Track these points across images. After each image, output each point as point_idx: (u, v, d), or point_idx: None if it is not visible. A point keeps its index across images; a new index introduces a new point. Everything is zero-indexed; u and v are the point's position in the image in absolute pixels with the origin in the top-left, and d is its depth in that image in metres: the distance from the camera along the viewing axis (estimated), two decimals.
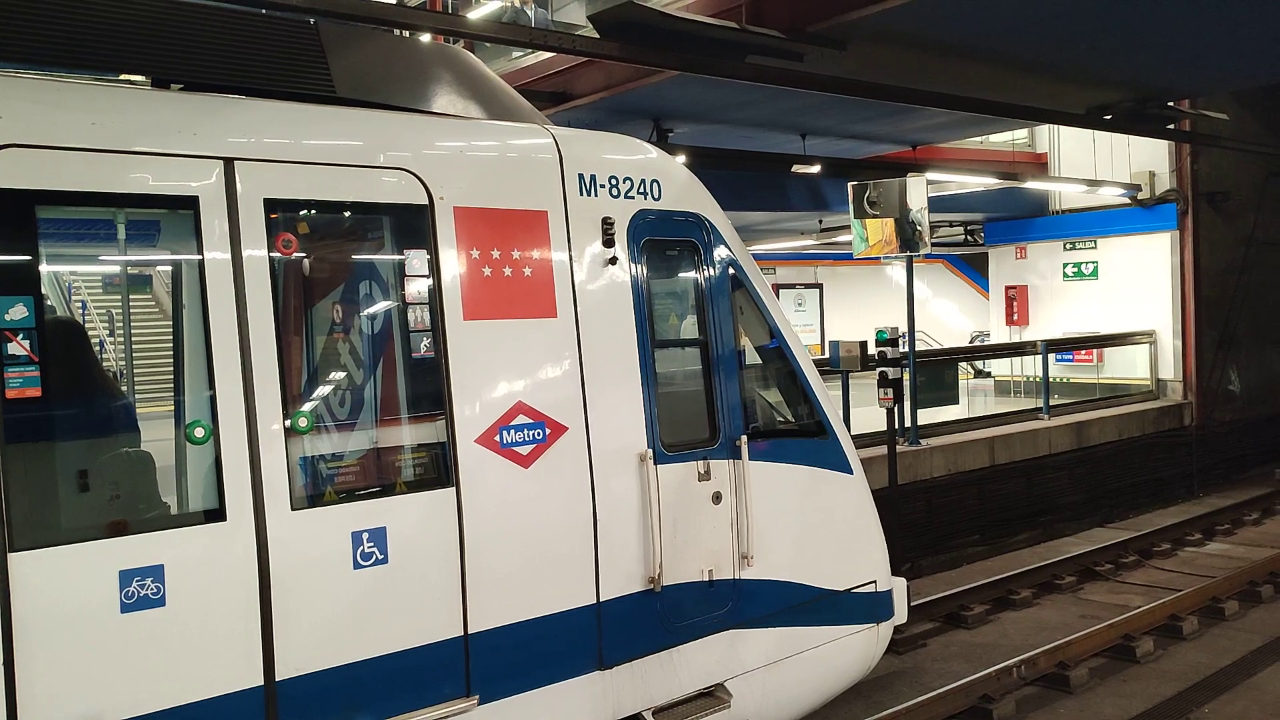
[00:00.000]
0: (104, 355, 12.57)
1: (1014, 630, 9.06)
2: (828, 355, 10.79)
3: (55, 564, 3.41)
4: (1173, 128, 13.67)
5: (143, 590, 3.53)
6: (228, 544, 3.73)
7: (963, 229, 22.16)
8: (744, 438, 5.24)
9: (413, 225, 4.34)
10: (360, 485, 4.18)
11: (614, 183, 4.96)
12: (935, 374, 14.09)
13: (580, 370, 4.70)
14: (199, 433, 3.76)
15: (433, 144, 4.47)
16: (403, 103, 4.61)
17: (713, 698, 5.12)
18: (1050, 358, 15.89)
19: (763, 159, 13.41)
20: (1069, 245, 18.69)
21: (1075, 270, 18.64)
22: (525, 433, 4.48)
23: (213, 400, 3.75)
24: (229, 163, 3.87)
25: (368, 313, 4.68)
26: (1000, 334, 19.95)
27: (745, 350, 5.52)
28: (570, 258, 4.73)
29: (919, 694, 7.06)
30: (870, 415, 11.53)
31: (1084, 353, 18.00)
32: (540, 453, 4.53)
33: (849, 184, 12.50)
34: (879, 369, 10.00)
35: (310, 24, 4.77)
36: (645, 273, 5.02)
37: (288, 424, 3.91)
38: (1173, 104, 12.86)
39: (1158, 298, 17.23)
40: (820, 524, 5.69)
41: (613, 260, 4.88)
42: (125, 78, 4.15)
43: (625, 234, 4.95)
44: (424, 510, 4.20)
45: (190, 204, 3.79)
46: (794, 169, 13.01)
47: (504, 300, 4.50)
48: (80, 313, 16.34)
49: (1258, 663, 8.03)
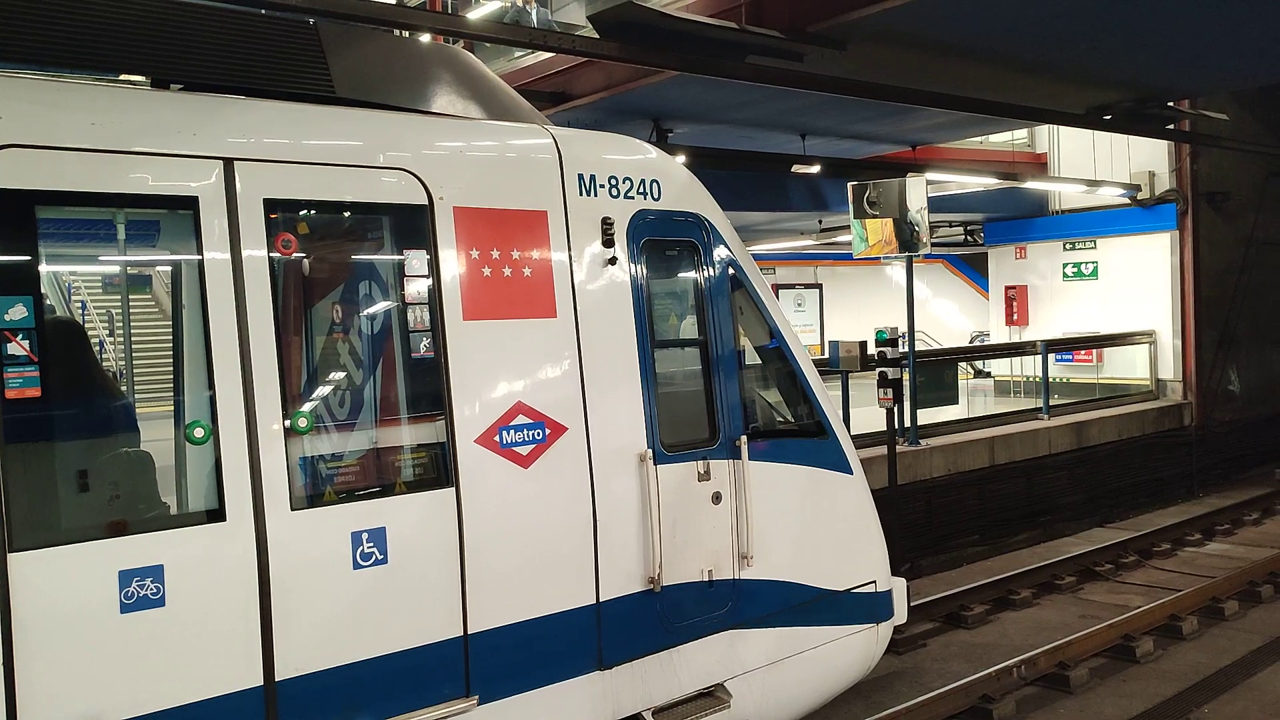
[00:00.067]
0: (104, 355, 12.57)
1: (1014, 630, 9.06)
2: (827, 355, 10.79)
3: (55, 564, 3.41)
4: (1172, 128, 13.67)
5: (142, 590, 3.53)
6: (227, 544, 3.72)
7: (962, 229, 22.15)
8: (744, 438, 5.24)
9: (412, 225, 4.33)
10: (360, 485, 4.18)
11: (614, 183, 4.96)
12: (935, 374, 14.09)
13: (580, 370, 4.70)
14: (199, 433, 3.76)
15: (432, 144, 4.47)
16: (402, 103, 4.61)
17: (712, 698, 5.12)
18: (1050, 358, 15.88)
19: (762, 159, 13.40)
20: (1069, 245, 18.70)
21: (1075, 270, 18.64)
22: (525, 433, 4.48)
23: (212, 400, 3.74)
24: (229, 163, 3.87)
25: (367, 313, 4.68)
26: (1000, 334, 19.95)
27: (745, 350, 5.52)
28: (570, 258, 4.73)
29: (919, 694, 7.06)
30: (870, 415, 11.54)
31: (1084, 353, 18.00)
32: (540, 453, 4.53)
33: (849, 184, 12.50)
34: (879, 369, 10.00)
35: (310, 24, 4.77)
36: (645, 273, 5.02)
37: (287, 424, 3.91)
38: (1172, 104, 12.86)
39: (1157, 298, 17.23)
40: (820, 524, 5.69)
41: (612, 260, 4.88)
42: (125, 78, 4.15)
43: (625, 234, 4.95)
44: (424, 510, 4.20)
45: (190, 204, 3.79)
46: (794, 169, 13.01)
47: (504, 300, 4.50)
48: (80, 313, 16.36)
49: (1257, 663, 8.03)
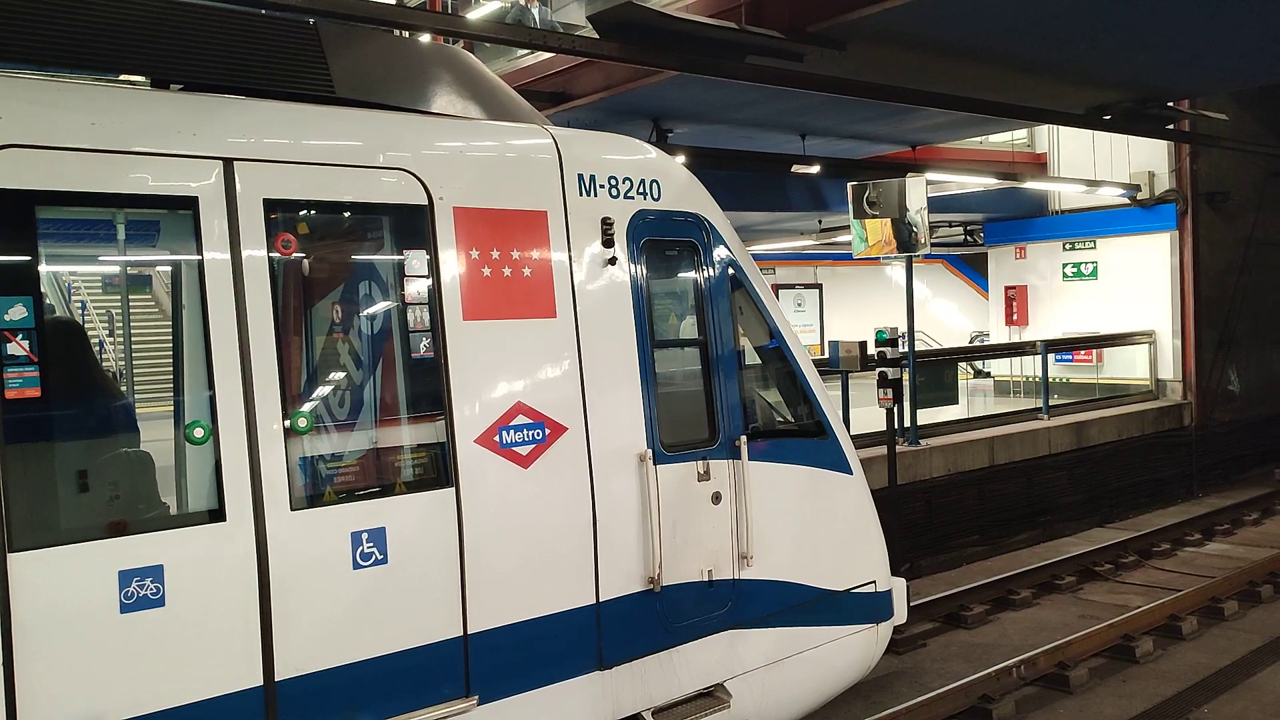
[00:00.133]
0: (104, 355, 12.57)
1: (1014, 630, 9.06)
2: (827, 355, 10.79)
3: (55, 564, 3.41)
4: (1172, 128, 13.67)
5: (142, 590, 3.53)
6: (227, 544, 3.72)
7: (962, 229, 22.15)
8: (743, 438, 5.24)
9: (412, 225, 4.33)
10: (360, 485, 4.18)
11: (613, 183, 4.96)
12: (935, 374, 14.09)
13: (580, 370, 4.70)
14: (198, 433, 3.76)
15: (432, 144, 4.47)
16: (402, 103, 4.61)
17: (712, 698, 5.12)
18: (1050, 358, 15.88)
19: (762, 159, 13.40)
20: (1068, 245, 18.70)
21: (1075, 270, 18.64)
22: (525, 433, 4.48)
23: (212, 400, 3.74)
24: (228, 163, 3.87)
25: (367, 313, 4.68)
26: (1000, 334, 19.95)
27: (745, 350, 5.52)
28: (570, 258, 4.73)
29: (919, 694, 7.06)
30: (870, 415, 11.53)
31: (1083, 353, 18.00)
32: (540, 453, 4.53)
33: (848, 184, 12.49)
34: (878, 369, 10.00)
35: (310, 24, 4.77)
36: (645, 273, 5.02)
37: (287, 424, 3.91)
38: (1172, 104, 12.86)
39: (1157, 298, 17.23)
40: (820, 524, 5.69)
41: (612, 260, 4.88)
42: (125, 78, 4.15)
43: (625, 234, 4.95)
44: (423, 510, 4.20)
45: (190, 204, 3.79)
46: (793, 169, 13.00)
47: (503, 300, 4.50)
48: (80, 313, 16.35)
49: (1257, 663, 8.03)
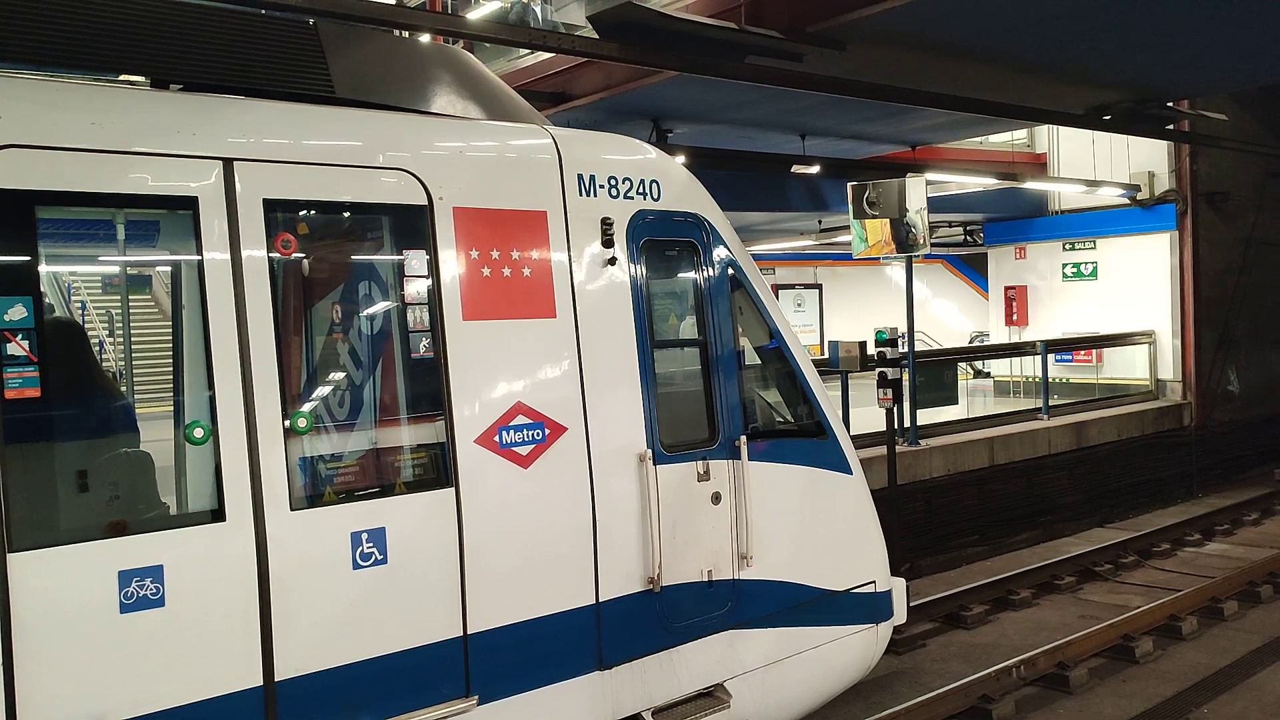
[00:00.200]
0: (103, 355, 12.57)
1: (1013, 630, 9.06)
2: (827, 355, 10.79)
3: (55, 564, 3.41)
4: (1172, 128, 13.66)
5: (142, 590, 3.53)
6: (227, 544, 3.72)
7: (962, 229, 22.15)
8: (743, 438, 5.24)
9: (412, 225, 4.33)
10: (359, 485, 4.18)
11: (613, 183, 4.96)
12: (934, 374, 14.08)
13: (579, 370, 4.70)
14: (198, 433, 3.76)
15: (432, 144, 4.47)
16: (402, 103, 4.61)
17: (712, 698, 5.12)
18: (1050, 358, 15.88)
19: (762, 159, 13.39)
20: (1068, 245, 18.70)
21: (1074, 270, 18.64)
22: (524, 433, 4.48)
23: (212, 401, 3.74)
24: (228, 163, 3.87)
25: (367, 313, 4.68)
26: (1000, 334, 19.95)
27: (744, 350, 5.52)
28: (569, 258, 4.73)
29: (918, 694, 7.06)
30: (870, 415, 11.53)
31: (1083, 353, 18.00)
32: (539, 453, 4.53)
33: (848, 184, 12.50)
34: (878, 369, 10.00)
35: (309, 24, 4.77)
36: (644, 273, 5.02)
37: (287, 424, 3.91)
38: (1172, 104, 12.86)
39: (1157, 298, 17.23)
40: (819, 524, 5.69)
41: (612, 260, 4.88)
42: (124, 78, 4.15)
43: (624, 234, 4.95)
44: (423, 511, 4.20)
45: (189, 204, 3.79)
46: (793, 169, 13.00)
47: (503, 300, 4.50)
48: (80, 313, 16.35)
49: (1257, 663, 8.03)
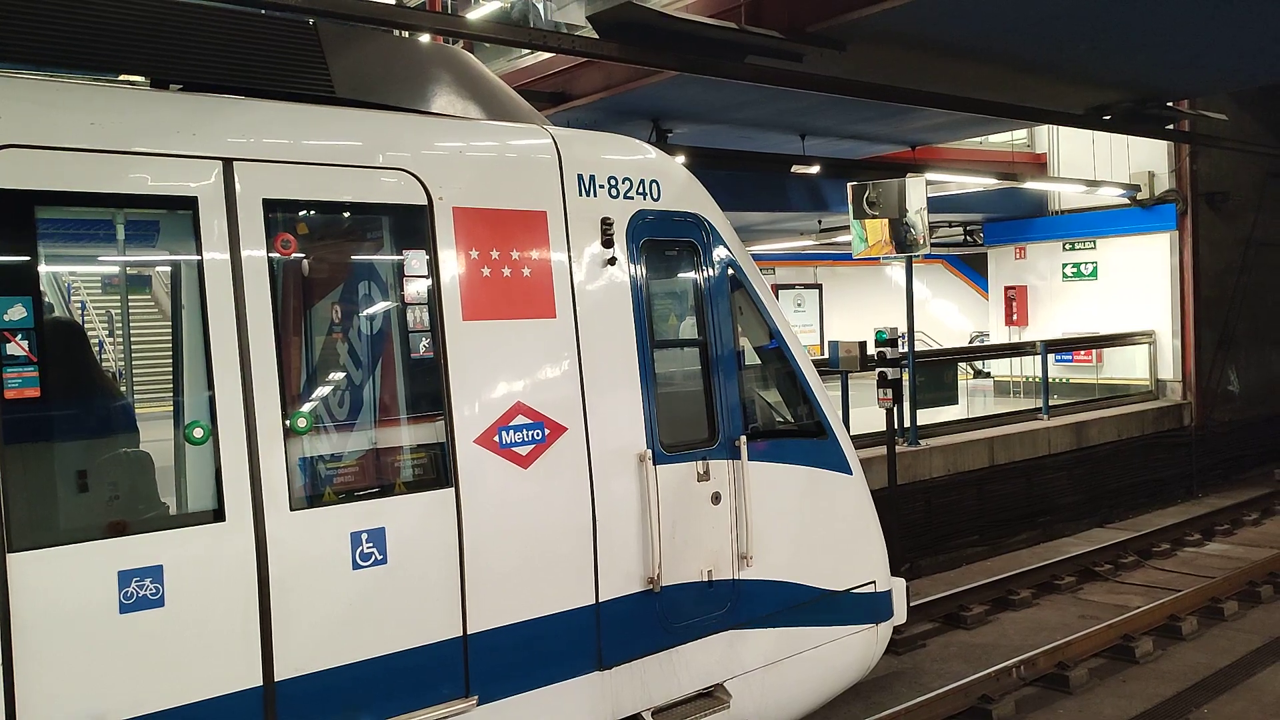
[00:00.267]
0: (103, 355, 12.56)
1: (1013, 630, 9.06)
2: (827, 356, 10.79)
3: (54, 564, 3.41)
4: (1172, 128, 13.67)
5: (142, 591, 3.53)
6: (227, 544, 3.72)
7: (962, 229, 22.15)
8: (743, 438, 5.24)
9: (412, 225, 4.33)
10: (359, 486, 4.18)
11: (613, 183, 4.95)
12: (934, 374, 14.09)
13: (579, 371, 4.70)
14: (198, 433, 3.76)
15: (432, 144, 4.47)
16: (402, 103, 4.61)
17: (712, 698, 5.12)
18: (1050, 358, 15.88)
19: (762, 159, 13.38)
20: (1068, 245, 18.69)
21: (1074, 270, 18.64)
22: (524, 433, 4.48)
23: (212, 401, 3.74)
24: (228, 163, 3.87)
25: (367, 313, 4.68)
26: (999, 334, 19.95)
27: (744, 350, 5.52)
28: (569, 258, 4.73)
29: (918, 694, 7.06)
30: (869, 415, 11.53)
31: (1083, 353, 18.00)
32: (539, 453, 4.53)
33: (848, 184, 12.49)
34: (878, 369, 10.00)
35: (309, 24, 4.77)
36: (644, 273, 5.02)
37: (287, 424, 3.91)
38: (1171, 104, 12.86)
39: (1157, 298, 17.22)
40: (819, 524, 5.69)
41: (612, 260, 4.88)
42: (124, 78, 4.15)
43: (624, 234, 4.95)
44: (423, 511, 4.20)
45: (189, 204, 3.79)
46: (793, 169, 13.00)
47: (503, 301, 4.49)
48: (79, 313, 16.35)
49: (1257, 663, 8.03)
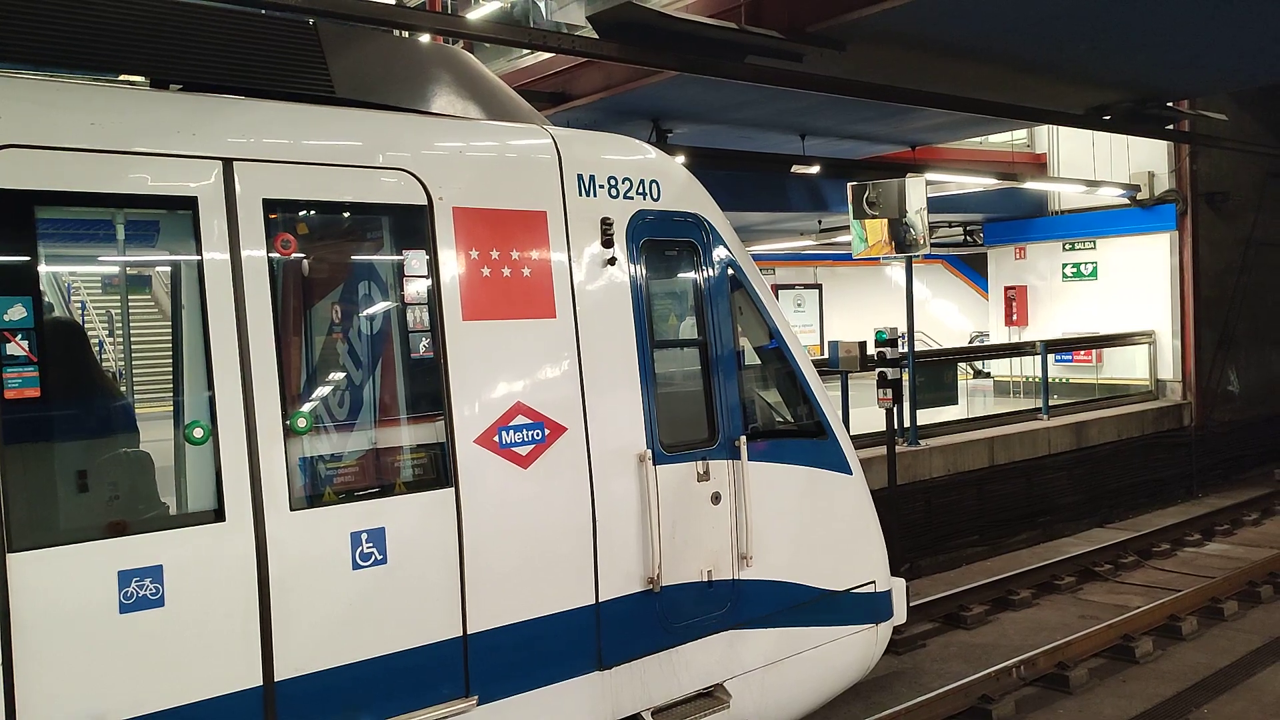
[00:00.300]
0: (103, 356, 12.56)
1: (1013, 631, 9.06)
2: (827, 356, 10.79)
3: (54, 564, 3.41)
4: (1172, 128, 13.67)
5: (141, 591, 3.53)
6: (227, 544, 3.72)
7: (962, 229, 22.15)
8: (743, 438, 5.24)
9: (412, 225, 4.34)
10: (359, 486, 4.18)
11: (613, 183, 4.95)
12: (934, 374, 14.08)
13: (579, 371, 4.70)
14: (198, 433, 3.76)
15: (432, 144, 4.47)
16: (402, 103, 4.61)
17: (712, 698, 5.12)
18: (1049, 358, 15.88)
19: (762, 159, 13.39)
20: (1068, 246, 18.69)
21: (1074, 271, 18.64)
22: (524, 433, 4.48)
23: (212, 401, 3.74)
24: (228, 163, 3.87)
25: (367, 313, 4.68)
26: (999, 334, 19.95)
27: (744, 351, 5.52)
28: (569, 258, 4.73)
29: (918, 694, 7.06)
30: (869, 416, 11.53)
31: (1083, 353, 18.00)
32: (539, 453, 4.53)
33: (848, 184, 12.49)
34: (878, 369, 10.00)
35: (309, 24, 4.77)
36: (644, 273, 5.02)
37: (287, 424, 3.91)
38: (1171, 104, 12.86)
39: (1157, 298, 17.22)
40: (819, 524, 5.69)
41: (612, 261, 4.88)
42: (124, 78, 4.15)
43: (624, 234, 4.95)
44: (423, 511, 4.20)
45: (189, 204, 3.79)
46: (793, 169, 13.00)
47: (503, 301, 4.50)
48: (79, 313, 16.35)
49: (1257, 663, 8.03)
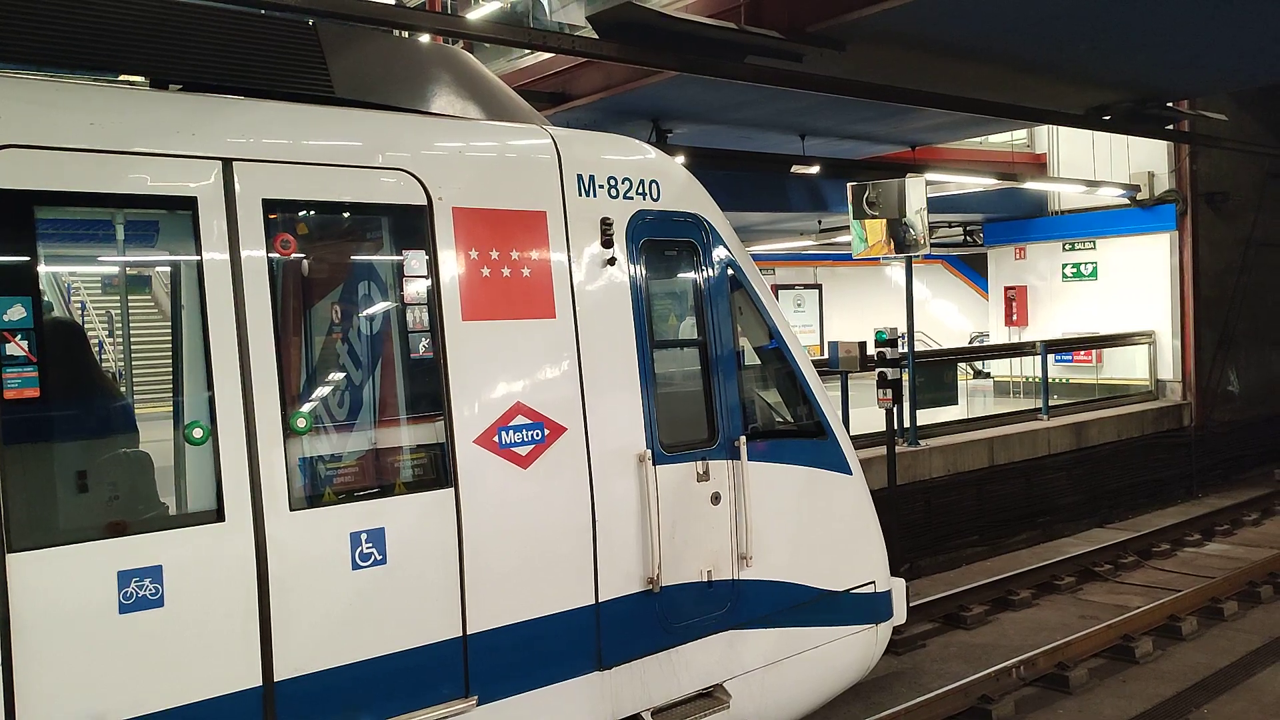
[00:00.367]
0: (103, 356, 12.56)
1: (1013, 631, 9.06)
2: (827, 356, 10.79)
3: (54, 565, 3.41)
4: (1171, 128, 13.66)
5: (141, 591, 3.52)
6: (226, 545, 3.72)
7: (962, 229, 22.15)
8: (743, 438, 5.24)
9: (411, 226, 4.34)
10: (359, 486, 4.18)
11: (613, 183, 4.95)
12: (934, 375, 14.07)
13: (579, 371, 4.70)
14: (197, 433, 3.76)
15: (431, 144, 4.47)
16: (401, 103, 4.61)
17: (712, 698, 5.11)
18: (1049, 358, 15.88)
19: (762, 159, 13.39)
20: (1068, 246, 18.69)
21: (1074, 271, 18.64)
22: (524, 433, 4.48)
23: (211, 401, 3.74)
24: (227, 163, 3.87)
25: (366, 313, 4.68)
26: (999, 335, 19.95)
27: (744, 351, 5.52)
28: (569, 258, 4.73)
29: (918, 695, 7.06)
30: (869, 416, 11.53)
31: (1083, 353, 18.00)
32: (539, 453, 4.53)
33: (848, 184, 12.49)
34: (878, 369, 10.00)
35: (309, 24, 4.77)
36: (644, 273, 5.02)
37: (286, 425, 3.91)
38: (1171, 104, 12.86)
39: (1157, 298, 17.22)
40: (819, 524, 5.69)
41: (611, 261, 4.88)
42: (124, 78, 4.15)
43: (624, 234, 4.95)
44: (423, 511, 4.20)
45: (189, 204, 3.79)
46: (793, 169, 13.00)
47: (503, 301, 4.50)
48: (79, 313, 16.35)
49: (1256, 663, 8.03)
